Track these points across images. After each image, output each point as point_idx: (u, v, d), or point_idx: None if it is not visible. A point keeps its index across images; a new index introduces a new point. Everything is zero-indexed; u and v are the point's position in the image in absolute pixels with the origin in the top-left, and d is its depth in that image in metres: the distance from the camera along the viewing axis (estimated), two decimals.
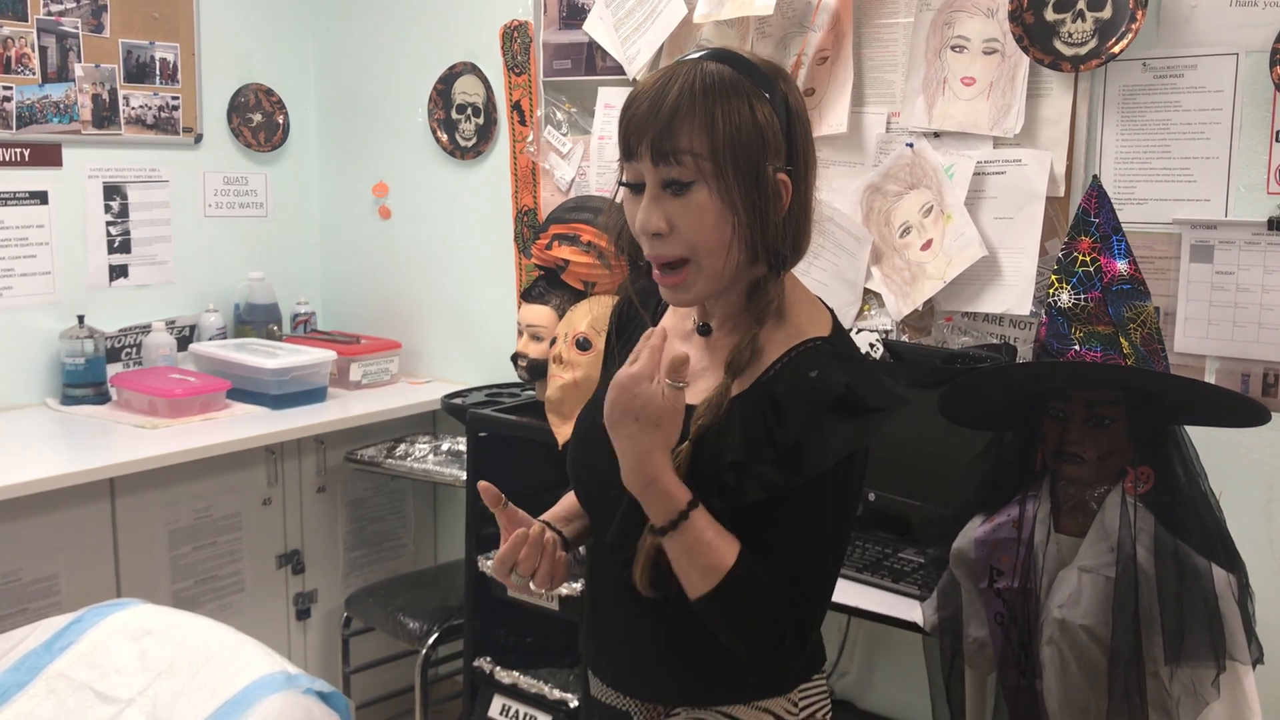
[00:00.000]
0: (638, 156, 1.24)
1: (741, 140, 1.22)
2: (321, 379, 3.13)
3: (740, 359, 1.28)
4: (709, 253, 1.25)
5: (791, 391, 1.25)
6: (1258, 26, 2.05)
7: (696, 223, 1.23)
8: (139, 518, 2.74)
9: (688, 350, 1.35)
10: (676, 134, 1.21)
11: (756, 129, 1.23)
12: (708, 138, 1.21)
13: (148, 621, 1.80)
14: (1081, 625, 1.65)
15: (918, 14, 2.42)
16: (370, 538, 3.30)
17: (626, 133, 1.25)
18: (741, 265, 1.27)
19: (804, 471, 1.22)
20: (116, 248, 3.20)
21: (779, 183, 1.25)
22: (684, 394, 1.23)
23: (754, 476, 1.23)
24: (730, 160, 1.21)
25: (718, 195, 1.22)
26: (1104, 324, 1.73)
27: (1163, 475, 1.67)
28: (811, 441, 1.22)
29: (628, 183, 1.27)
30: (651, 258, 1.27)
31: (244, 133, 3.45)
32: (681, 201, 1.23)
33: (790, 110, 1.27)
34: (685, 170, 1.22)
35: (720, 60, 1.25)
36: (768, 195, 1.24)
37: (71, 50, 3.04)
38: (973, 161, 2.35)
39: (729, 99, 1.22)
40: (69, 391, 3.02)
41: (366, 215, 3.55)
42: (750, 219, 1.23)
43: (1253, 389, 2.11)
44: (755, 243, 1.25)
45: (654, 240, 1.25)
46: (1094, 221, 1.79)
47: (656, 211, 1.24)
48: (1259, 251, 2.09)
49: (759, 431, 1.24)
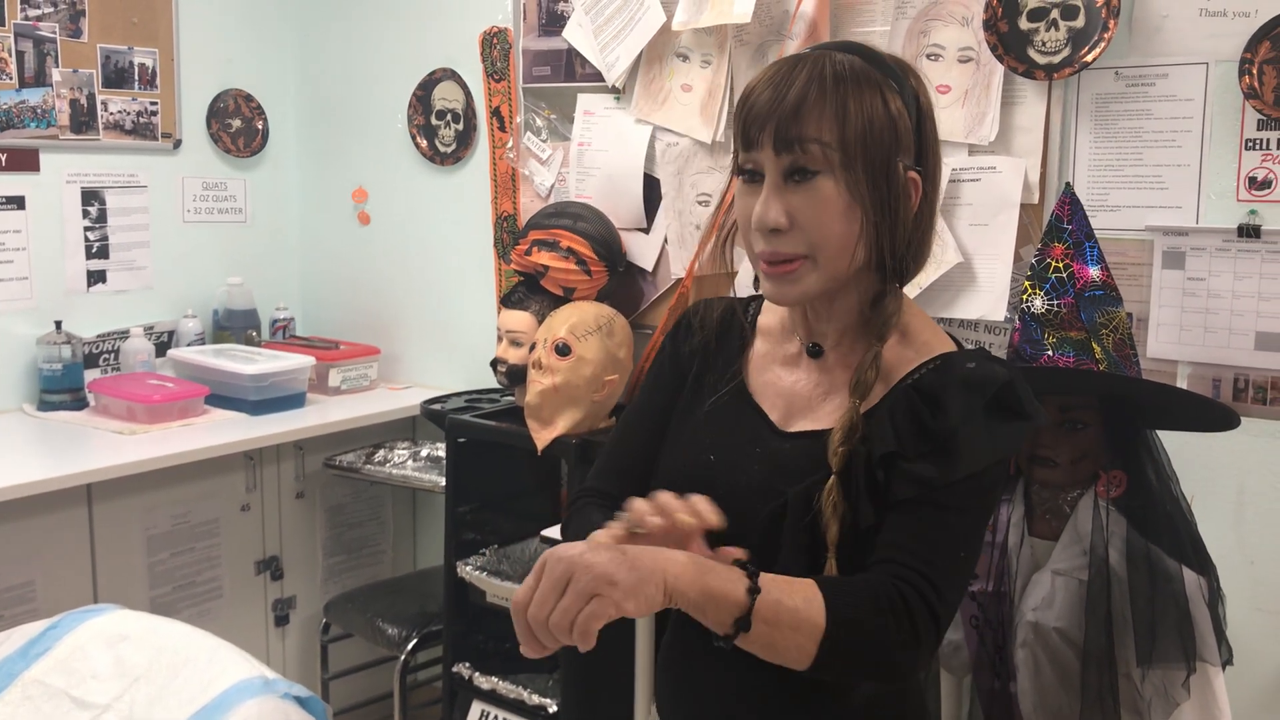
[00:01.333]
0: (758, 145, 1.15)
1: (874, 132, 1.13)
2: (300, 385, 3.13)
3: (866, 378, 1.17)
4: (830, 251, 1.15)
5: (948, 382, 1.16)
6: (1227, 36, 2.08)
7: (820, 216, 1.14)
8: (116, 524, 2.73)
9: (796, 376, 1.27)
10: (804, 121, 1.13)
11: (890, 121, 1.15)
12: (838, 126, 1.12)
13: (124, 627, 1.79)
14: (1055, 628, 1.67)
15: (894, 22, 2.44)
16: (349, 544, 3.30)
17: (747, 121, 1.16)
18: (861, 270, 1.18)
19: (961, 467, 1.13)
20: (95, 253, 3.18)
21: (910, 181, 1.17)
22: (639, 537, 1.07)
23: (904, 472, 1.13)
24: (861, 152, 1.13)
25: (845, 188, 1.13)
26: (1077, 329, 1.75)
27: (1135, 479, 1.69)
28: (971, 434, 1.13)
29: (745, 169, 1.17)
30: (765, 254, 1.17)
31: (223, 138, 3.44)
32: (805, 193, 1.14)
33: (921, 108, 1.20)
34: (812, 158, 1.13)
35: (849, 51, 1.18)
36: (898, 193, 1.15)
37: (49, 55, 3.03)
38: (948, 169, 2.37)
39: (861, 88, 1.14)
40: (46, 397, 3.01)
41: (346, 221, 3.55)
42: (879, 217, 1.15)
43: (1224, 394, 2.13)
44: (881, 245, 1.16)
45: (770, 236, 1.15)
46: (1067, 228, 1.81)
47: (776, 204, 1.14)
48: (1229, 258, 2.11)
49: (909, 423, 1.15)
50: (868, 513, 1.14)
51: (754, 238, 1.18)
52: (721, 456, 1.26)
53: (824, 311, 1.24)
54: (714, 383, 1.32)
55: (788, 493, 1.18)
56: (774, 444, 1.24)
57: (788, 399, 1.27)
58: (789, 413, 1.26)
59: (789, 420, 1.26)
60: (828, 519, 1.14)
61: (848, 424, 1.16)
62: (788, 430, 1.25)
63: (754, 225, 1.16)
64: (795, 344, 1.28)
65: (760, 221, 1.15)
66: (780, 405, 1.27)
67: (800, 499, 1.17)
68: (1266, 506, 2.12)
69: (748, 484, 1.23)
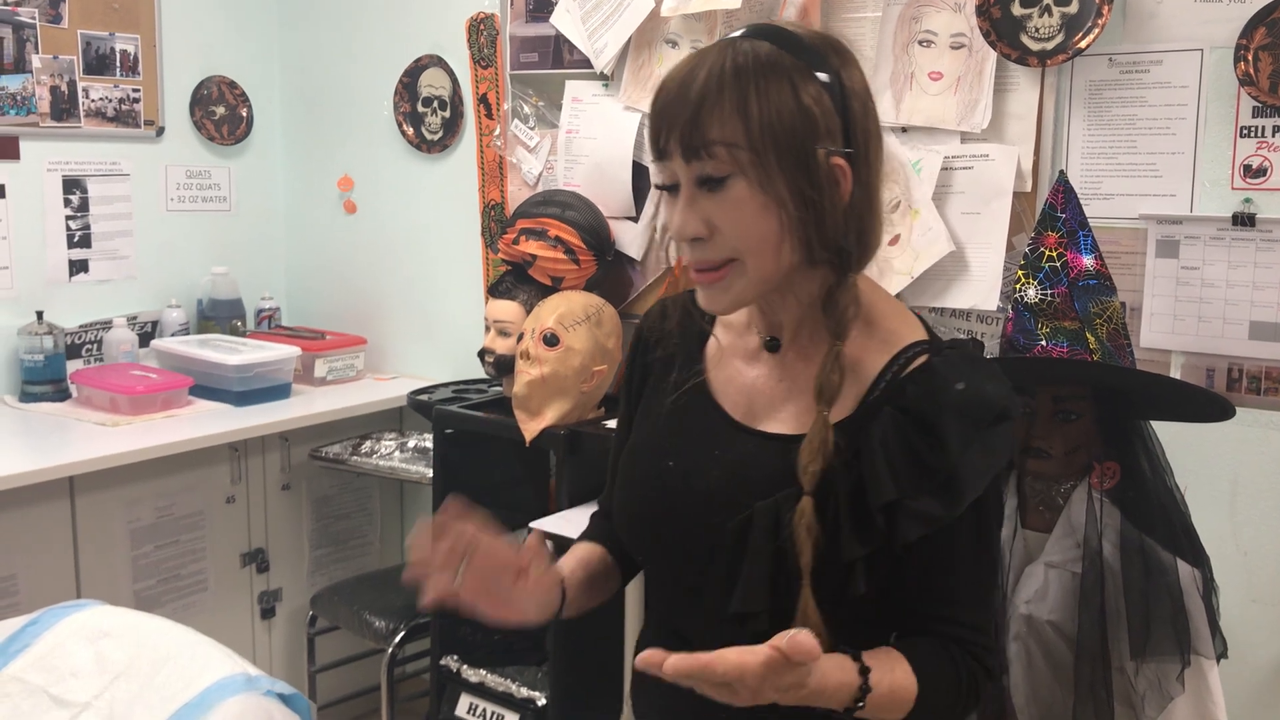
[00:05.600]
0: (669, 155, 1.11)
1: (784, 123, 1.07)
2: (286, 375, 3.10)
3: (830, 384, 1.11)
4: (755, 253, 1.10)
5: (941, 409, 1.09)
6: (1222, 22, 2.06)
7: (737, 220, 1.09)
8: (99, 516, 2.70)
9: (757, 370, 1.22)
10: (705, 124, 1.07)
11: (801, 110, 1.08)
12: (742, 123, 1.07)
13: (105, 623, 1.76)
14: (1048, 621, 1.66)
15: (885, 8, 2.42)
16: (336, 536, 3.27)
17: (654, 129, 1.11)
18: (797, 267, 1.12)
19: (965, 497, 1.09)
20: (76, 242, 3.15)
21: (834, 168, 1.09)
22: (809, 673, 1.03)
23: (910, 514, 1.08)
24: (771, 146, 1.07)
25: (759, 187, 1.08)
26: (1070, 319, 1.73)
27: (1128, 470, 1.67)
28: (971, 462, 1.08)
29: (661, 185, 1.14)
30: (693, 264, 1.13)
31: (207, 126, 3.40)
32: (719, 199, 1.09)
33: (845, 87, 1.12)
34: (719, 164, 1.08)
35: (759, 37, 1.11)
36: (820, 183, 1.08)
37: (29, 41, 2.99)
38: (940, 156, 2.35)
39: (765, 78, 1.07)
40: (28, 388, 2.97)
41: (332, 209, 3.52)
42: (802, 211, 1.08)
43: (1217, 384, 2.12)
44: (810, 239, 1.10)
45: (694, 246, 1.11)
46: (1060, 217, 1.79)
47: (692, 214, 1.10)
48: (1224, 246, 2.09)
49: (907, 461, 1.08)
50: (853, 547, 1.09)
51: (680, 247, 1.14)
52: (680, 461, 1.21)
53: (777, 304, 1.19)
54: (676, 381, 1.27)
55: (752, 506, 1.12)
56: (736, 445, 1.19)
57: (749, 395, 1.22)
58: (751, 410, 1.21)
59: (751, 418, 1.21)
60: (801, 543, 1.08)
61: (818, 440, 1.10)
62: (751, 428, 1.20)
63: (675, 238, 1.13)
64: (755, 338, 1.24)
65: (679, 234, 1.11)
66: (742, 402, 1.22)
67: (767, 514, 1.12)
68: (1260, 497, 2.11)
69: (707, 490, 1.18)
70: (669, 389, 1.27)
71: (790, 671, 0.99)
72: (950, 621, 1.16)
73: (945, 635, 1.16)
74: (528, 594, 1.19)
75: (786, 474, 1.11)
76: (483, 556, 1.13)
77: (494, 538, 1.14)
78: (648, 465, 1.24)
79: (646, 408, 1.30)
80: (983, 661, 1.17)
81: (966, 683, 1.15)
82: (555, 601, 1.24)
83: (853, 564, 1.09)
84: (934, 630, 1.16)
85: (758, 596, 1.10)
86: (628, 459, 1.29)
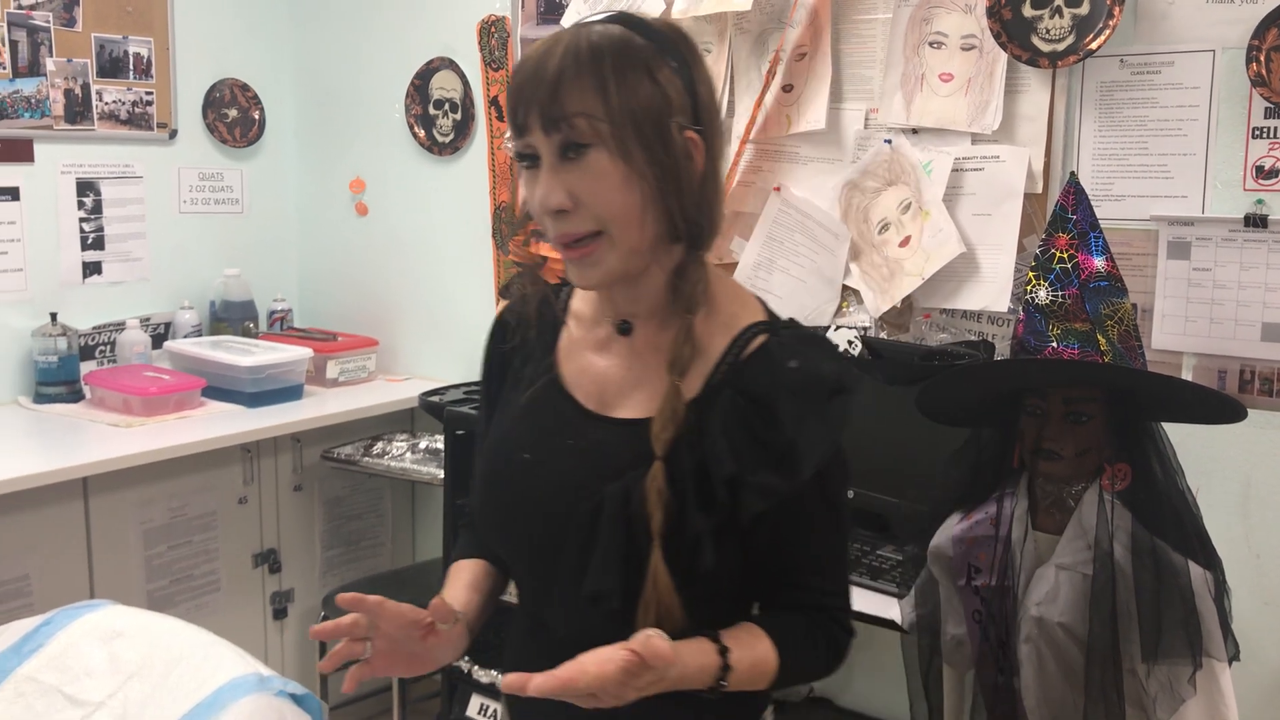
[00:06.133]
0: (528, 129, 1.12)
1: (640, 98, 1.11)
2: (298, 377, 3.11)
3: (683, 355, 1.16)
4: (620, 223, 1.12)
5: (775, 388, 1.15)
6: (1234, 23, 2.05)
7: (600, 190, 1.11)
8: (113, 517, 2.71)
9: (608, 360, 1.25)
10: (566, 96, 1.10)
11: (656, 86, 1.12)
12: (601, 96, 1.10)
13: (118, 623, 1.77)
14: (1059, 623, 1.65)
15: (896, 10, 2.42)
16: (347, 536, 3.28)
17: (513, 105, 1.13)
18: (658, 240, 1.16)
19: (805, 470, 1.14)
20: (90, 244, 3.16)
21: (689, 141, 1.14)
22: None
23: (752, 487, 1.12)
24: (629, 119, 1.10)
25: (620, 157, 1.10)
26: (1081, 321, 1.73)
27: (1140, 472, 1.67)
28: (807, 437, 1.14)
29: (519, 154, 1.15)
30: (558, 236, 1.14)
31: (219, 128, 3.41)
32: (581, 169, 1.11)
33: (693, 71, 1.17)
34: (580, 133, 1.10)
35: (611, 22, 1.15)
36: (677, 156, 1.13)
37: (43, 44, 3.01)
38: (951, 158, 2.35)
39: (620, 56, 1.11)
40: (42, 390, 2.99)
41: (344, 212, 3.53)
42: (662, 181, 1.12)
43: (1229, 385, 2.11)
44: (671, 210, 1.13)
45: (558, 219, 1.13)
46: (1071, 218, 1.79)
47: (556, 185, 1.11)
48: (1235, 248, 2.09)
49: (745, 437, 1.13)
50: (697, 519, 1.12)
51: (544, 223, 1.15)
52: (536, 454, 1.23)
53: (630, 290, 1.21)
54: (529, 377, 1.29)
55: (604, 491, 1.15)
56: (589, 433, 1.22)
57: (600, 384, 1.24)
58: (603, 399, 1.23)
59: (604, 406, 1.23)
60: (652, 507, 1.12)
61: (669, 407, 1.14)
62: (603, 415, 1.22)
63: (539, 210, 1.14)
64: (606, 326, 1.25)
65: (543, 205, 1.12)
66: (594, 392, 1.24)
67: (617, 495, 1.14)
68: (1273, 499, 2.10)
69: (561, 481, 1.20)
70: (524, 383, 1.29)
71: (649, 671, 1.06)
72: (807, 589, 1.24)
73: (803, 603, 1.24)
74: (438, 647, 1.21)
75: (638, 456, 1.14)
76: (388, 622, 1.15)
77: (396, 604, 1.15)
78: (503, 461, 1.26)
79: (504, 403, 1.32)
80: (841, 622, 1.27)
81: (826, 645, 1.25)
82: (465, 640, 1.26)
83: (700, 537, 1.13)
84: (792, 599, 1.24)
85: (609, 576, 1.13)
86: (484, 456, 1.30)
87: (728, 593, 1.21)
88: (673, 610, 1.11)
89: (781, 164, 2.61)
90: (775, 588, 1.24)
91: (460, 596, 1.29)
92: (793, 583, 1.24)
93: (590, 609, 1.15)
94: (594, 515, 1.15)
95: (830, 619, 1.25)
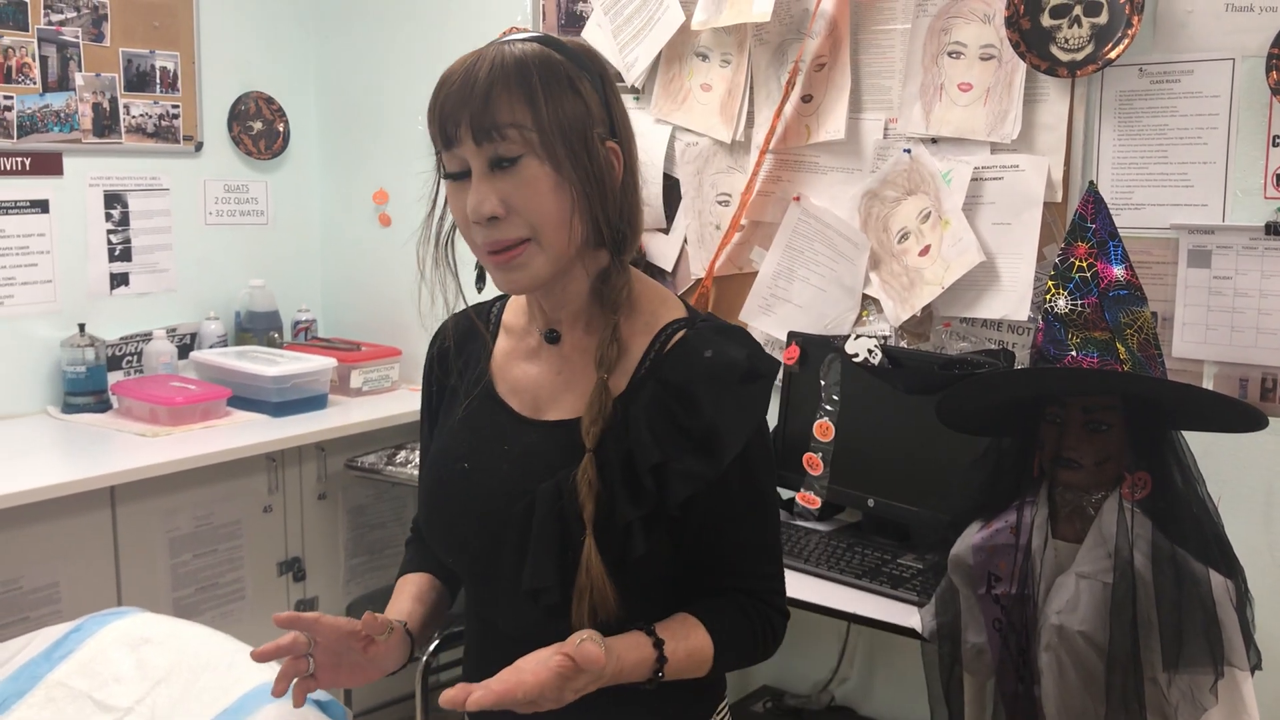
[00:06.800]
0: (458, 141, 1.15)
1: (566, 109, 1.15)
2: (322, 386, 3.14)
3: (609, 353, 1.21)
4: (550, 229, 1.16)
5: (693, 376, 1.19)
6: (1254, 31, 2.05)
7: (532, 197, 1.15)
8: (140, 526, 2.74)
9: (539, 367, 1.29)
10: (497, 108, 1.13)
11: (579, 98, 1.17)
12: (529, 108, 1.14)
13: (146, 630, 1.80)
14: (1079, 631, 1.65)
15: (915, 20, 2.43)
16: (371, 545, 3.30)
17: (441, 119, 1.16)
18: (584, 245, 1.20)
19: (726, 454, 1.18)
20: (117, 256, 3.20)
21: (610, 151, 1.20)
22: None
23: (677, 474, 1.16)
24: (557, 129, 1.14)
25: (550, 166, 1.15)
26: (1100, 329, 1.73)
27: (1160, 481, 1.67)
28: (726, 421, 1.18)
29: (451, 173, 1.18)
30: (487, 244, 1.17)
31: (244, 140, 3.45)
32: (512, 178, 1.14)
33: (607, 86, 1.22)
34: (512, 144, 1.14)
35: (529, 41, 1.19)
36: (600, 164, 1.18)
37: (72, 59, 3.05)
38: (970, 167, 2.35)
39: (545, 70, 1.16)
40: (70, 400, 3.02)
41: (367, 223, 3.56)
42: (589, 189, 1.17)
43: (1250, 394, 2.11)
44: (596, 216, 1.18)
45: (490, 226, 1.16)
46: (1090, 227, 1.79)
47: (489, 193, 1.15)
48: (1256, 256, 2.09)
49: (667, 426, 1.18)
50: (626, 510, 1.16)
51: (474, 232, 1.18)
52: (474, 462, 1.27)
53: (556, 297, 1.25)
54: (466, 390, 1.33)
55: (536, 490, 1.20)
56: (523, 437, 1.26)
57: (533, 391, 1.29)
58: (535, 404, 1.28)
59: (537, 411, 1.27)
60: (583, 498, 1.16)
61: (597, 404, 1.19)
62: (535, 419, 1.27)
63: (470, 218, 1.17)
64: (535, 336, 1.30)
65: (476, 213, 1.16)
66: (528, 399, 1.29)
67: (548, 492, 1.19)
68: None
69: (499, 486, 1.24)
70: (459, 399, 1.34)
71: (583, 674, 1.09)
72: (738, 574, 1.27)
73: (736, 588, 1.27)
74: (381, 657, 1.24)
75: (570, 455, 1.19)
76: (325, 636, 1.18)
77: (332, 619, 1.19)
78: (443, 471, 1.30)
79: (442, 422, 1.36)
80: (776, 605, 1.30)
81: (761, 629, 1.28)
82: (406, 648, 1.29)
83: (629, 526, 1.16)
84: (725, 584, 1.27)
85: (547, 571, 1.17)
86: (427, 470, 1.35)
87: (661, 581, 1.25)
88: (607, 599, 1.15)
89: (801, 174, 2.62)
90: (707, 574, 1.27)
91: (404, 608, 1.33)
92: (724, 569, 1.27)
93: (531, 605, 1.19)
94: (528, 513, 1.20)
95: (763, 602, 1.29)
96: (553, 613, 1.17)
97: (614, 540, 1.16)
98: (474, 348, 1.36)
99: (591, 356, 1.23)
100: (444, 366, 1.39)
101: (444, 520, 1.30)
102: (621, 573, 1.16)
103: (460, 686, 1.09)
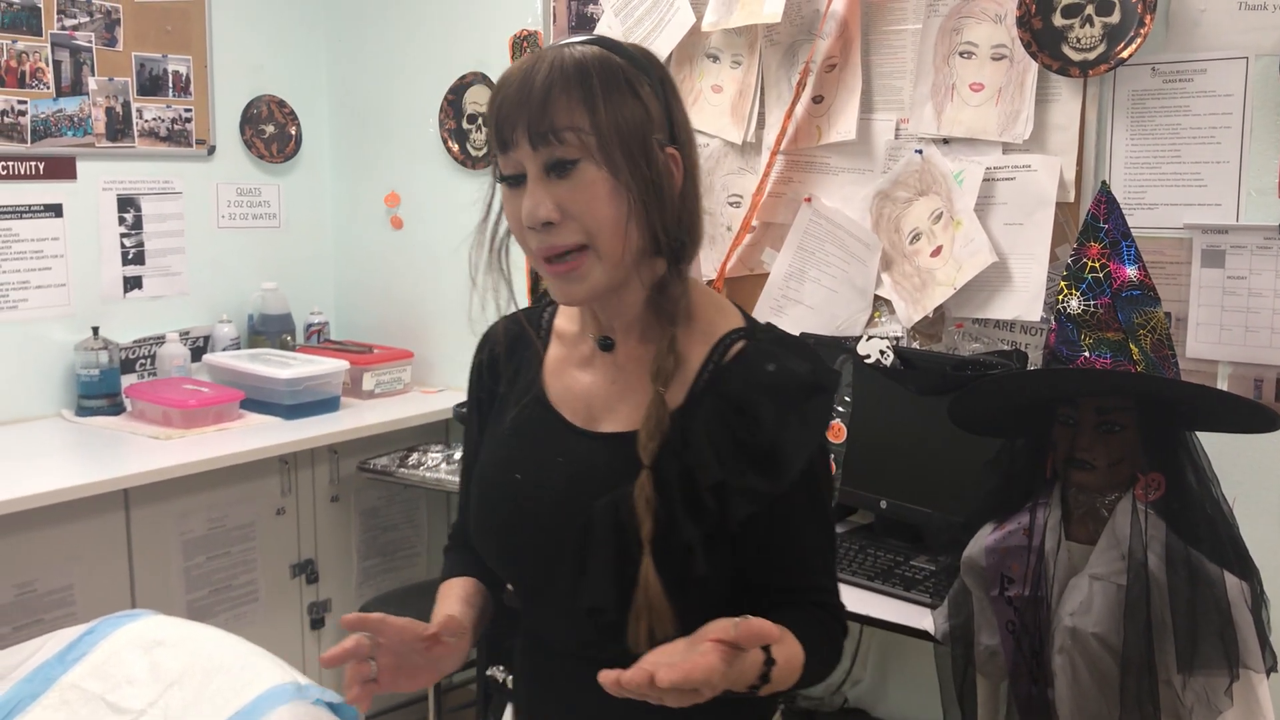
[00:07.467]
0: (514, 144, 1.13)
1: (625, 113, 1.13)
2: (334, 389, 3.14)
3: (666, 365, 1.18)
4: (606, 236, 1.13)
5: (755, 391, 1.16)
6: (1267, 30, 2.04)
7: (589, 202, 1.12)
8: (153, 528, 2.75)
9: (592, 376, 1.26)
10: (554, 112, 1.11)
11: (639, 102, 1.15)
12: (587, 112, 1.11)
13: (159, 632, 1.80)
14: (1093, 633, 1.64)
15: (926, 20, 2.42)
16: (384, 547, 3.31)
17: (498, 122, 1.14)
18: (641, 254, 1.17)
19: (790, 471, 1.15)
20: (130, 259, 3.22)
21: (669, 157, 1.17)
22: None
23: (738, 492, 1.14)
24: (615, 134, 1.12)
25: (608, 171, 1.12)
26: (1114, 330, 1.72)
27: (1174, 482, 1.66)
28: (789, 437, 1.15)
29: (506, 177, 1.16)
30: (542, 250, 1.15)
31: (256, 144, 3.46)
32: (569, 183, 1.12)
33: (668, 89, 1.19)
34: (569, 148, 1.12)
35: (589, 44, 1.17)
36: (659, 171, 1.15)
37: (85, 64, 3.06)
38: (982, 168, 2.35)
39: (604, 73, 1.13)
40: (84, 403, 3.04)
41: (379, 225, 3.57)
42: (646, 195, 1.14)
43: (1265, 394, 2.09)
44: (654, 224, 1.15)
45: (544, 232, 1.13)
46: (1103, 227, 1.78)
47: (544, 198, 1.12)
48: (1271, 256, 2.07)
49: (729, 442, 1.15)
50: (687, 528, 1.13)
51: (528, 237, 1.16)
52: (527, 473, 1.24)
53: (612, 306, 1.23)
54: (516, 397, 1.30)
55: (593, 507, 1.16)
56: (578, 449, 1.23)
57: (587, 400, 1.25)
58: (590, 414, 1.25)
59: (591, 422, 1.24)
60: (641, 515, 1.12)
61: (654, 419, 1.15)
62: (590, 431, 1.24)
63: (525, 223, 1.14)
64: (589, 343, 1.27)
65: (531, 217, 1.13)
66: (581, 408, 1.25)
67: (607, 509, 1.15)
68: None
69: (552, 498, 1.21)
70: (510, 407, 1.30)
71: (740, 658, 1.06)
72: (805, 589, 1.25)
73: (801, 602, 1.24)
74: (442, 658, 1.22)
75: (627, 469, 1.15)
76: (391, 638, 1.17)
77: (398, 620, 1.17)
78: (497, 481, 1.27)
79: (492, 428, 1.33)
80: (839, 617, 1.29)
81: (832, 640, 1.27)
82: (465, 649, 1.27)
83: (691, 546, 1.13)
84: (790, 599, 1.24)
85: (604, 589, 1.14)
86: (478, 479, 1.32)
87: (719, 599, 1.20)
88: (665, 618, 1.11)
89: (812, 175, 2.62)
90: (770, 589, 1.24)
91: (454, 610, 1.30)
92: (789, 583, 1.24)
93: (587, 622, 1.16)
94: (585, 530, 1.17)
95: (830, 615, 1.27)
96: (608, 632, 1.13)
97: (673, 559, 1.13)
98: (525, 354, 1.32)
99: (646, 366, 1.20)
100: (494, 373, 1.35)
101: (496, 531, 1.27)
102: (681, 591, 1.13)
103: (611, 671, 1.01)
